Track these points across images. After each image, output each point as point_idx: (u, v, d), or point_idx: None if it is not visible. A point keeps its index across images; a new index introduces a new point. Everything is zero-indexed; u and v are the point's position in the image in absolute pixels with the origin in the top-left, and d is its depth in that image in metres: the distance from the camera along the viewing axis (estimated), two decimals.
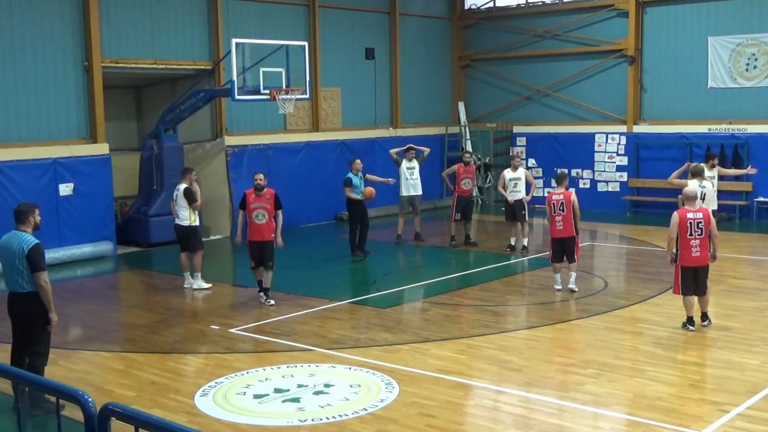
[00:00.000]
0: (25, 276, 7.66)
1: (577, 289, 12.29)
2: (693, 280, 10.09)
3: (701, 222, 9.97)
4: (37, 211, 7.93)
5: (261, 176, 11.99)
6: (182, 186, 13.12)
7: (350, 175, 15.54)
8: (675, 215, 10.10)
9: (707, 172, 13.18)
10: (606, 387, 8.23)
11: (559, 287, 12.41)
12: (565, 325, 10.65)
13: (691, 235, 9.95)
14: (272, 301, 11.90)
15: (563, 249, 12.37)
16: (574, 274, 12.40)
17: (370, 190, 15.45)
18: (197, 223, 13.26)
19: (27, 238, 7.69)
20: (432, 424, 7.34)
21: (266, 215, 11.80)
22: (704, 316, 10.29)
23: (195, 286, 13.10)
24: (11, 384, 7.01)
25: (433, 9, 23.73)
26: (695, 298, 10.17)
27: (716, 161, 14.31)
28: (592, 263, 15.02)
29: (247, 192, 12.02)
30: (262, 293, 12.06)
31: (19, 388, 5.54)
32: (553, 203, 12.28)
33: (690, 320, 10.15)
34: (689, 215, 10.01)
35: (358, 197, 15.39)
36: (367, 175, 16.14)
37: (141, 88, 19.92)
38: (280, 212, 12.02)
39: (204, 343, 10.21)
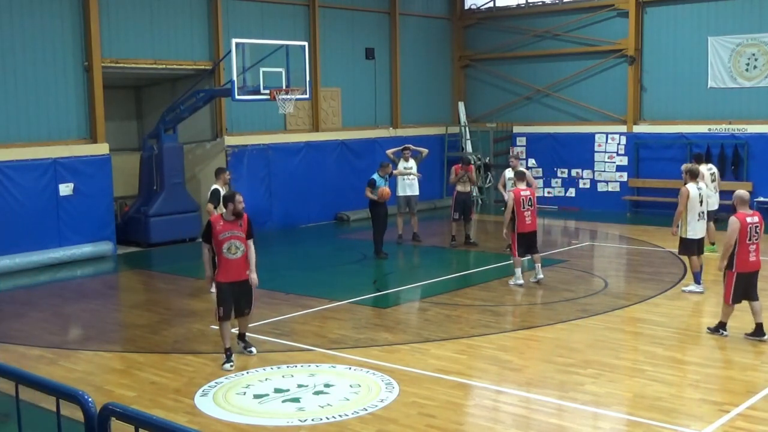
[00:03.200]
0: None
1: (543, 277, 12.84)
2: (745, 287, 9.57)
3: (758, 226, 9.52)
4: None
5: (240, 198, 9.26)
6: (213, 187, 13.08)
7: (375, 176, 15.50)
8: (735, 220, 9.43)
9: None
10: (606, 387, 8.23)
11: (522, 282, 12.74)
12: (565, 325, 10.63)
13: (750, 240, 9.44)
14: (254, 349, 9.56)
15: (528, 243, 12.88)
16: (538, 265, 12.92)
17: (384, 190, 15.38)
18: None
19: None
20: (432, 424, 7.34)
21: (242, 246, 9.14)
22: (760, 329, 9.61)
23: None
24: None
25: (433, 9, 23.73)
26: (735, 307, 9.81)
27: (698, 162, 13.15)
28: (592, 263, 15.03)
29: (213, 219, 9.34)
30: (228, 357, 9.19)
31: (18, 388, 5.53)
32: (523, 198, 12.76)
33: (723, 325, 9.79)
34: (748, 219, 9.45)
35: (375, 198, 15.38)
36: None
37: (141, 88, 19.91)
38: (251, 242, 9.30)
39: (204, 343, 10.20)
